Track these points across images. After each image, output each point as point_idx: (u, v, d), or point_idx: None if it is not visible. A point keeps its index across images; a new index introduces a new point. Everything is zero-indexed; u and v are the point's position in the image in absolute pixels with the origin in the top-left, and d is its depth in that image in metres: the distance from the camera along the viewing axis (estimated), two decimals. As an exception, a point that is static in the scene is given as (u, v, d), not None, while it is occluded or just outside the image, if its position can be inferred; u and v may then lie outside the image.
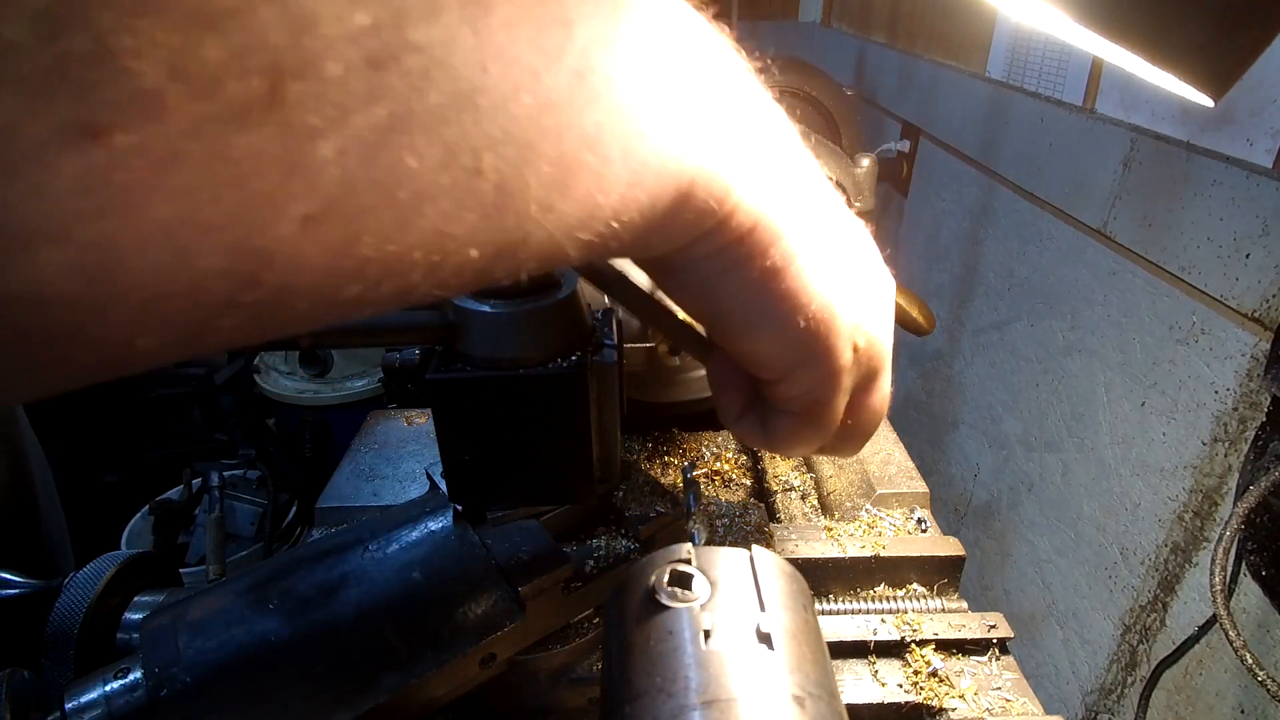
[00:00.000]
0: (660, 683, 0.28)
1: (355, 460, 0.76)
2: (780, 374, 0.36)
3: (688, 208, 0.27)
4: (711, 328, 0.36)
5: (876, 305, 0.37)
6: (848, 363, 0.36)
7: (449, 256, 0.21)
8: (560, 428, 0.47)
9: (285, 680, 0.42)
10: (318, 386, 2.07)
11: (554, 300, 0.45)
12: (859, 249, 0.36)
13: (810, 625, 0.33)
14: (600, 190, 0.23)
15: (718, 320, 0.34)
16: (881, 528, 0.65)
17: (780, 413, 0.39)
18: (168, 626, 0.44)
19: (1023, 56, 1.08)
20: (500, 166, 0.20)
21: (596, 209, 0.24)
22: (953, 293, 1.30)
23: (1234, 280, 0.69)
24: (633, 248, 0.27)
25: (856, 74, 1.89)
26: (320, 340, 0.46)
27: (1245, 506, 0.59)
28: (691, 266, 0.31)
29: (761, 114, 0.30)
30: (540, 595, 0.48)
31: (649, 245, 0.28)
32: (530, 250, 0.23)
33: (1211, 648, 0.71)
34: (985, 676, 0.54)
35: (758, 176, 0.29)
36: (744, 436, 0.42)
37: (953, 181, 1.32)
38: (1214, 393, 0.71)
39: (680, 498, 0.57)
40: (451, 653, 0.45)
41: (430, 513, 0.53)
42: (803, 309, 0.32)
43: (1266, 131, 0.65)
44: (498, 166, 0.20)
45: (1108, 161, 0.87)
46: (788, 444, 0.40)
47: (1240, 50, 0.32)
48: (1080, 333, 0.94)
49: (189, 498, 1.82)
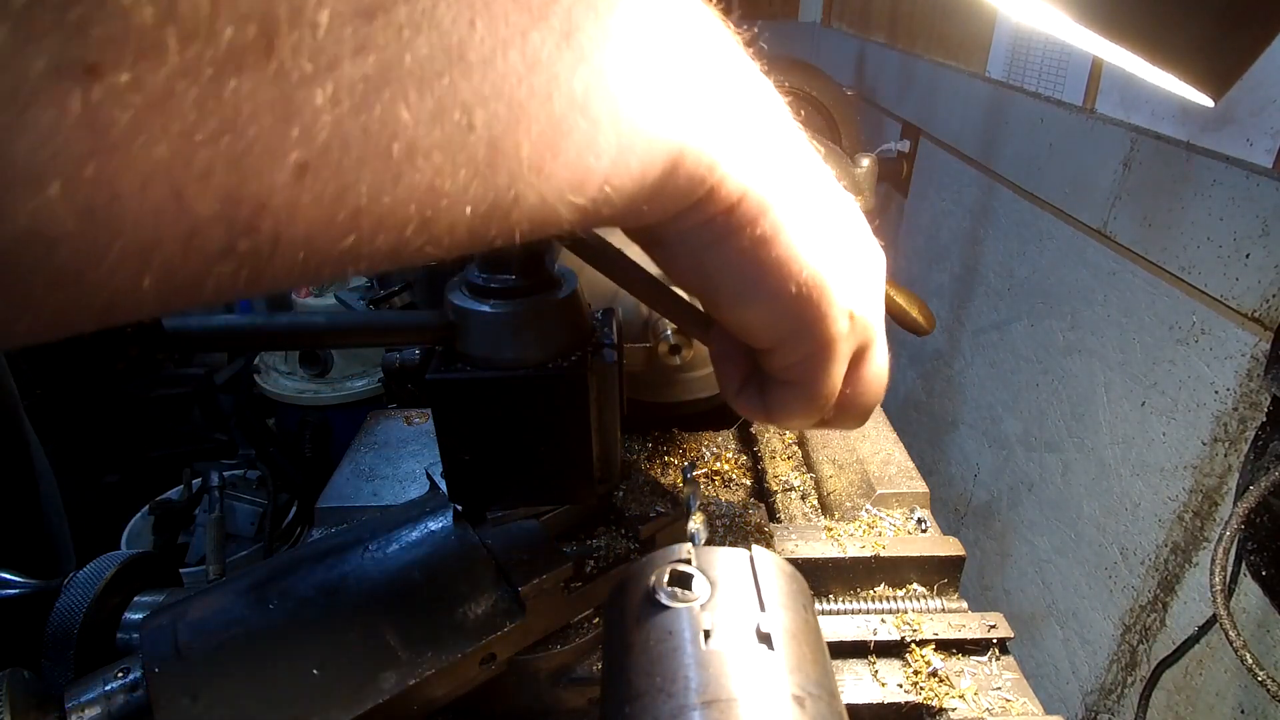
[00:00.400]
0: (660, 683, 0.28)
1: (355, 460, 0.76)
2: (773, 343, 0.36)
3: (677, 176, 0.27)
4: (704, 299, 0.37)
5: (866, 276, 0.37)
6: (841, 331, 0.36)
7: (442, 213, 0.21)
8: (560, 428, 0.47)
9: (285, 680, 0.42)
10: (318, 386, 2.08)
11: (554, 300, 0.45)
12: (848, 221, 0.37)
13: (810, 625, 0.33)
14: (591, 153, 0.24)
15: (709, 292, 0.35)
16: (881, 528, 0.65)
17: (778, 383, 0.39)
18: (168, 626, 0.44)
19: (1023, 56, 1.08)
20: (492, 124, 0.21)
21: (588, 172, 0.24)
22: (953, 293, 1.30)
23: (1234, 280, 0.69)
24: (624, 215, 0.28)
25: (856, 74, 1.89)
26: (320, 340, 0.46)
27: (1245, 506, 0.59)
28: (682, 238, 0.32)
29: (750, 87, 0.30)
30: (540, 595, 0.48)
31: (639, 214, 0.28)
32: (523, 211, 0.23)
33: (1211, 648, 0.71)
34: (985, 676, 0.54)
35: (745, 148, 0.29)
36: (744, 410, 0.42)
37: (953, 181, 1.32)
38: (1214, 393, 0.71)
39: (680, 498, 0.57)
40: (451, 653, 0.45)
41: (430, 513, 0.53)
42: (793, 278, 0.33)
43: (1266, 131, 0.65)
44: (489, 123, 0.21)
45: (1108, 161, 0.87)
46: (787, 415, 0.40)
47: (1240, 50, 0.32)
48: (1080, 333, 0.94)
49: (189, 498, 1.82)
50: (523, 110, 0.21)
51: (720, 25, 0.29)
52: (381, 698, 0.42)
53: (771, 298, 0.33)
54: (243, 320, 0.44)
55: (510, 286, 0.45)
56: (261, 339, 0.45)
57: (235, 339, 0.44)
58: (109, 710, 0.41)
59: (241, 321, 0.44)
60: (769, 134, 0.31)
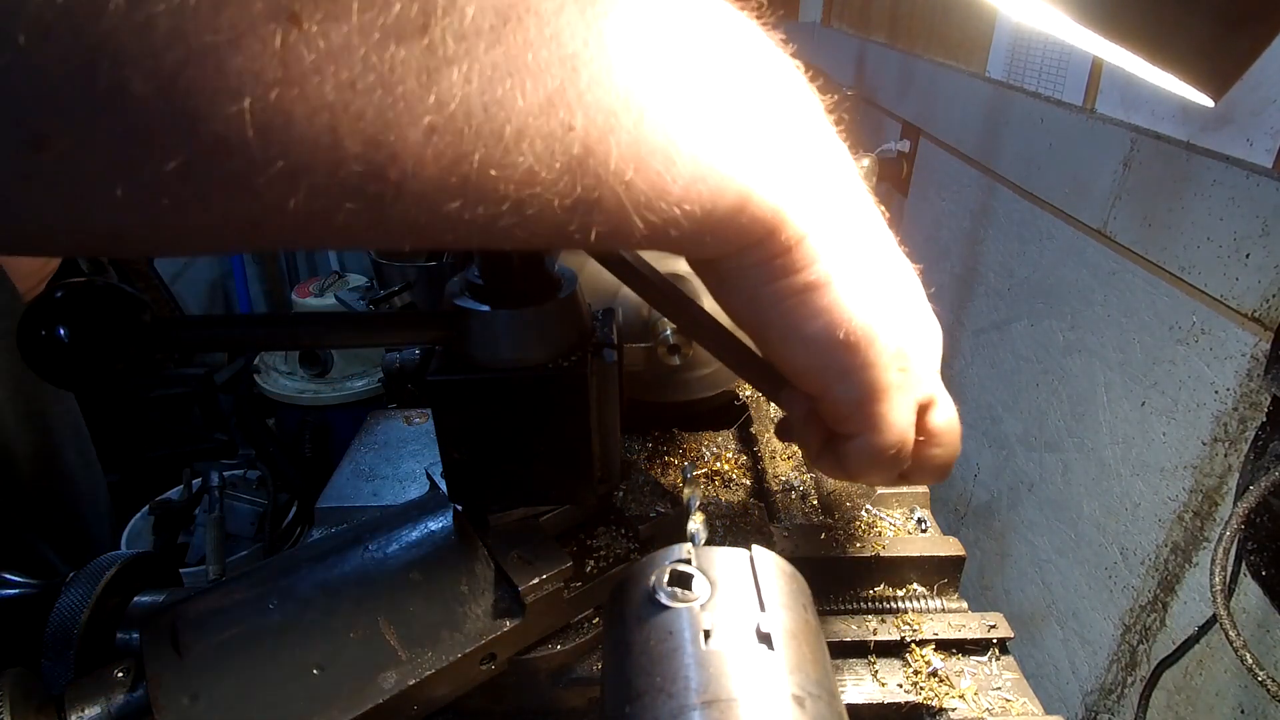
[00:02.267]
0: (660, 683, 0.28)
1: (355, 460, 0.76)
2: (821, 388, 0.38)
3: (742, 215, 0.30)
4: (755, 336, 0.39)
5: (919, 332, 0.39)
6: (891, 381, 0.37)
7: (534, 198, 0.25)
8: (560, 428, 0.47)
9: (285, 680, 0.42)
10: (318, 386, 2.08)
11: (554, 301, 0.45)
12: (902, 277, 0.39)
13: (810, 625, 0.33)
14: (668, 174, 0.27)
15: (761, 329, 0.37)
16: (881, 528, 0.65)
17: (846, 439, 0.40)
18: (167, 626, 0.44)
19: (1023, 56, 1.08)
20: (589, 128, 0.24)
21: (664, 192, 0.27)
22: (953, 293, 1.30)
23: (1234, 280, 0.69)
24: (690, 241, 0.31)
25: (856, 74, 1.89)
26: (320, 340, 0.46)
27: (1245, 506, 0.59)
28: (740, 273, 0.34)
29: (820, 143, 0.34)
30: (540, 595, 0.48)
31: (703, 244, 0.31)
32: (603, 213, 0.27)
33: (1211, 648, 0.71)
34: (985, 676, 0.54)
35: (809, 200, 0.33)
36: (826, 471, 0.44)
37: (953, 181, 1.32)
38: (1214, 393, 0.71)
39: (680, 498, 0.57)
40: (451, 653, 0.45)
41: (430, 513, 0.53)
42: (841, 324, 0.35)
43: (1266, 131, 0.65)
44: (587, 127, 0.24)
45: (1108, 161, 0.87)
46: (862, 470, 0.41)
47: (1240, 50, 0.32)
48: (1080, 333, 0.94)
49: (189, 498, 1.81)
50: (617, 122, 0.25)
51: (802, 81, 0.33)
52: (381, 698, 0.42)
53: (819, 340, 0.35)
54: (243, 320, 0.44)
55: (511, 288, 0.45)
56: (261, 339, 0.45)
57: (235, 339, 0.44)
58: (109, 710, 0.41)
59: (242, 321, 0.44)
60: (833, 187, 0.34)
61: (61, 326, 0.36)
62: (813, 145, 0.33)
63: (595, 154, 0.25)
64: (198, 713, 0.40)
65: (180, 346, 0.41)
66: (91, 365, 0.37)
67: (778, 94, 0.31)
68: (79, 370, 0.37)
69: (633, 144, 0.26)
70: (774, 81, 0.31)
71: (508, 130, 0.23)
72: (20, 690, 0.41)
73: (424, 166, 0.22)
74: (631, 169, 0.26)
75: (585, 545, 0.55)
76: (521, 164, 0.24)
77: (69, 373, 0.37)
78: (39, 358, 0.37)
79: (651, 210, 0.27)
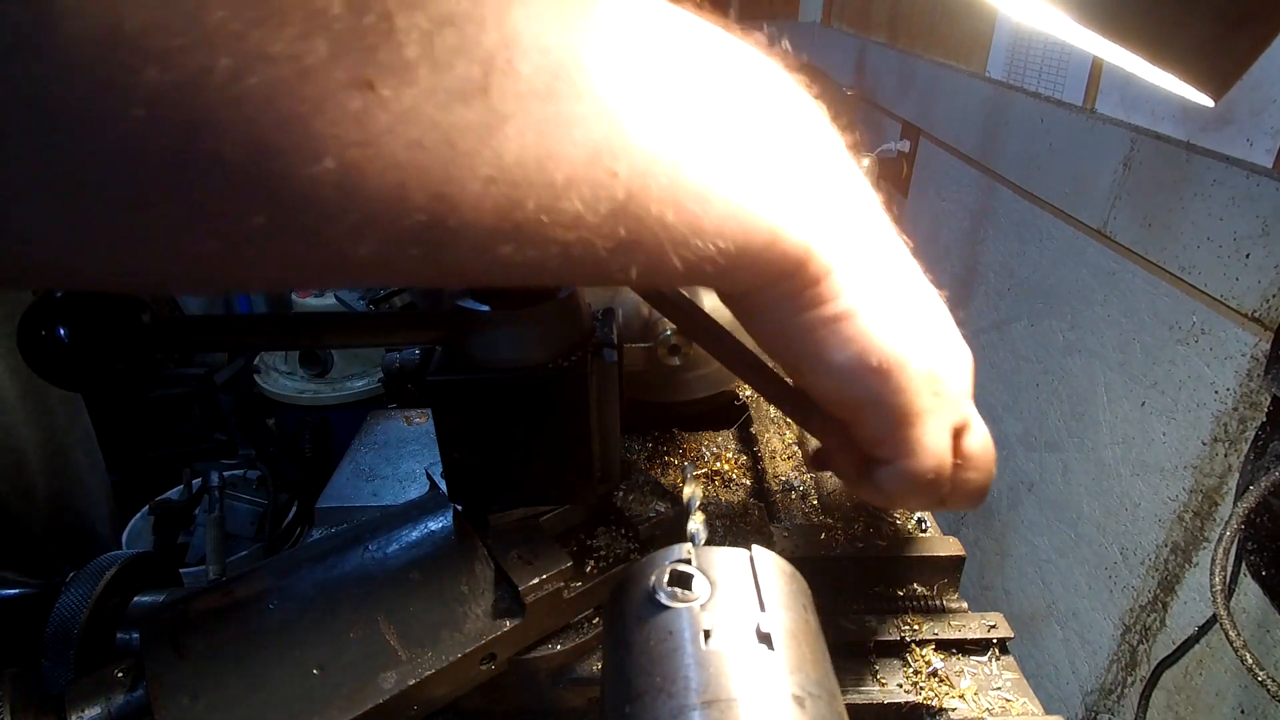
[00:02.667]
0: (660, 683, 0.28)
1: (355, 460, 0.76)
2: (853, 414, 0.39)
3: (772, 252, 0.32)
4: (786, 365, 0.40)
5: (948, 355, 0.40)
6: (924, 405, 0.38)
7: (580, 242, 0.26)
8: (560, 428, 0.47)
9: (285, 680, 0.42)
10: (318, 386, 2.07)
11: (554, 301, 0.45)
12: (928, 304, 0.40)
13: (810, 625, 0.33)
14: (704, 216, 0.29)
15: (792, 357, 0.38)
16: (881, 528, 0.65)
17: (883, 465, 0.41)
18: (167, 626, 0.44)
19: (1023, 56, 1.08)
20: (631, 176, 0.26)
21: (700, 230, 0.29)
22: (953, 293, 1.30)
23: (1234, 280, 0.69)
24: (723, 276, 0.32)
25: (856, 74, 1.89)
26: (320, 340, 0.46)
27: (1245, 506, 0.59)
28: (771, 305, 0.36)
29: (845, 182, 0.36)
30: (540, 595, 0.48)
31: (735, 279, 0.33)
32: (644, 252, 0.28)
33: (1211, 648, 0.71)
34: (985, 676, 0.54)
35: (835, 236, 0.34)
36: (868, 498, 0.45)
37: (953, 181, 1.32)
38: (1214, 393, 0.71)
39: (680, 498, 0.57)
40: (451, 653, 0.45)
41: (430, 513, 0.53)
42: (871, 351, 0.36)
43: (1266, 131, 0.65)
44: (630, 175, 0.26)
45: (1108, 161, 0.87)
46: (900, 495, 0.41)
47: (1240, 50, 0.32)
48: (1080, 333, 0.94)
49: (189, 498, 1.81)
50: (657, 168, 0.27)
51: (823, 119, 0.35)
52: (381, 698, 0.42)
53: (850, 368, 0.36)
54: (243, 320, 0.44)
55: (510, 289, 0.45)
56: (261, 339, 0.45)
57: (235, 339, 0.44)
58: (109, 710, 0.41)
59: (241, 321, 0.44)
60: (857, 221, 0.36)
61: (61, 326, 0.36)
62: (837, 181, 0.35)
63: (636, 198, 0.27)
64: (198, 713, 0.40)
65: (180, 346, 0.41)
66: (92, 365, 0.37)
67: (803, 134, 0.34)
68: (79, 370, 0.37)
69: (671, 187, 0.27)
70: (798, 122, 0.33)
71: (559, 179, 0.25)
72: (20, 690, 0.41)
73: (482, 215, 0.24)
74: (671, 211, 0.28)
75: (585, 545, 0.55)
76: (570, 210, 0.25)
77: (69, 373, 0.37)
78: (39, 358, 0.37)
79: (689, 249, 0.29)
